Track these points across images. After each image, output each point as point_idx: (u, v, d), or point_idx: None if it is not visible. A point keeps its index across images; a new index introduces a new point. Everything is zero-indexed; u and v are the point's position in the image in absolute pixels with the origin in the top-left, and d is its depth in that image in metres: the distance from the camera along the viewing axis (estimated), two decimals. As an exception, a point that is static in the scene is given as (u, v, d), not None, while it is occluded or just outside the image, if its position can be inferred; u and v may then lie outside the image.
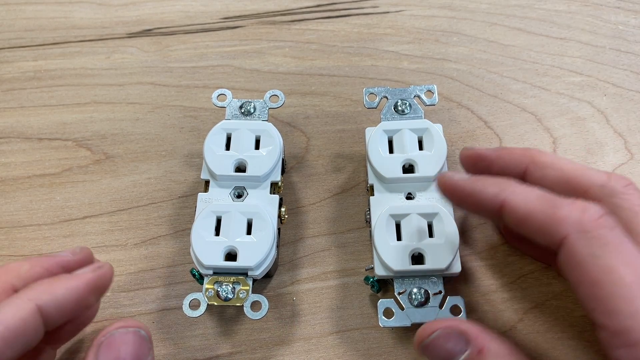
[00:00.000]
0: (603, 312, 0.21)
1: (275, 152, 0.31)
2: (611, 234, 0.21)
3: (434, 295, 0.28)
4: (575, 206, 0.22)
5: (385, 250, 0.28)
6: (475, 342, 0.24)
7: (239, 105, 0.33)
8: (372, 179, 0.31)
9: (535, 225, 0.23)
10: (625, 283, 0.20)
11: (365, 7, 0.42)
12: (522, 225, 0.23)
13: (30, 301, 0.21)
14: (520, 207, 0.23)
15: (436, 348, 0.24)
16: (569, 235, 0.22)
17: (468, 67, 0.39)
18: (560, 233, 0.22)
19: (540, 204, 0.23)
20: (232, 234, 0.29)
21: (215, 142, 0.31)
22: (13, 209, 0.34)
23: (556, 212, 0.22)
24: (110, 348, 0.22)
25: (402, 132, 0.31)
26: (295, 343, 0.30)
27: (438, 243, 0.29)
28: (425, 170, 0.30)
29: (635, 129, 0.36)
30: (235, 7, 0.42)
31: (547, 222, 0.22)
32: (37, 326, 0.21)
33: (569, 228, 0.22)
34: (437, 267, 0.28)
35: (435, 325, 0.25)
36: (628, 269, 0.20)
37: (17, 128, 0.37)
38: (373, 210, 0.30)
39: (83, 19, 0.42)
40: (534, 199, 0.23)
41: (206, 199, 0.30)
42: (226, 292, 0.28)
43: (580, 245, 0.21)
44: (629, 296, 0.20)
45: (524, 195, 0.23)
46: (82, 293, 0.22)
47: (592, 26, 0.41)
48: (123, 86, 0.39)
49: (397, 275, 0.28)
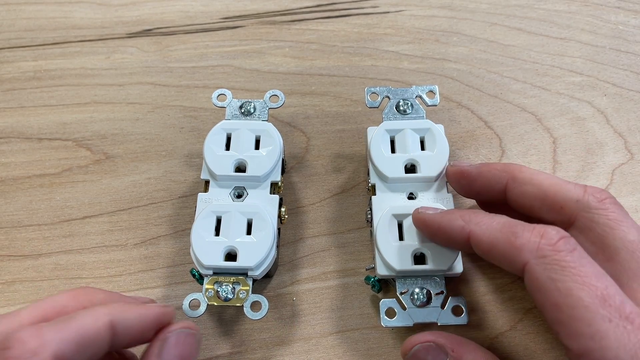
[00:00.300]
0: (566, 335, 0.21)
1: (275, 152, 0.31)
2: (569, 257, 0.22)
3: (436, 296, 0.28)
4: (534, 232, 0.23)
5: (387, 250, 0.28)
6: (452, 354, 0.25)
7: (239, 105, 0.33)
8: (374, 179, 0.31)
9: (498, 254, 0.24)
10: (584, 304, 0.21)
11: (365, 7, 0.42)
12: (488, 255, 0.24)
13: (106, 316, 0.22)
14: (483, 239, 0.24)
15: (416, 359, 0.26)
16: (529, 262, 0.22)
17: (468, 67, 0.39)
18: (521, 260, 0.23)
19: (502, 233, 0.24)
20: (232, 234, 0.29)
21: (215, 142, 0.31)
22: (13, 209, 0.34)
23: (516, 241, 0.23)
24: (175, 346, 0.24)
25: (404, 132, 0.31)
26: (295, 343, 0.30)
27: None
28: (427, 171, 0.30)
29: (635, 129, 0.36)
30: (235, 7, 0.42)
31: (508, 250, 0.23)
32: (106, 340, 0.22)
33: (528, 255, 0.22)
34: (439, 267, 0.28)
35: (415, 340, 0.26)
36: (586, 290, 0.21)
37: (17, 128, 0.37)
38: (375, 210, 0.30)
39: (83, 19, 0.42)
40: (496, 229, 0.24)
41: (206, 199, 0.30)
42: (226, 292, 0.28)
43: (539, 270, 0.22)
44: (588, 317, 0.20)
45: (487, 226, 0.24)
46: (148, 322, 0.24)
47: (592, 26, 0.41)
48: (123, 86, 0.39)
49: (399, 275, 0.28)
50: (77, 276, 0.32)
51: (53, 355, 0.20)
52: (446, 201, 0.30)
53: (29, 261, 0.33)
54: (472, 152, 0.35)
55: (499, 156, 0.35)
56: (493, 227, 0.24)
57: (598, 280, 0.21)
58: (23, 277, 0.32)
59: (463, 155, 0.35)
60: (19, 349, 0.20)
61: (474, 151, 0.36)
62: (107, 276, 0.32)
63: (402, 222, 0.29)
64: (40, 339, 0.20)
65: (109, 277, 0.32)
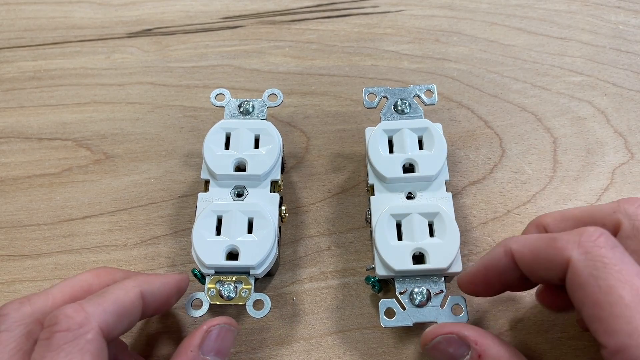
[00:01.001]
0: (603, 332, 0.21)
1: (275, 151, 0.31)
2: (611, 253, 0.22)
3: (436, 295, 0.28)
4: (573, 233, 0.23)
5: (386, 250, 0.28)
6: (475, 347, 0.25)
7: (238, 104, 0.33)
8: (372, 179, 0.31)
9: (542, 260, 0.24)
10: (624, 302, 0.21)
11: (365, 7, 0.42)
12: (532, 266, 0.24)
13: (136, 287, 0.24)
14: (525, 251, 0.24)
15: (438, 352, 0.26)
16: (571, 259, 0.22)
17: (468, 66, 0.39)
18: (564, 259, 0.23)
19: (542, 241, 0.24)
20: (233, 233, 0.29)
21: (215, 142, 0.31)
22: (13, 209, 0.34)
23: (556, 243, 0.23)
24: (216, 340, 0.26)
25: (402, 132, 0.31)
26: (295, 343, 0.30)
27: (439, 242, 0.28)
28: (425, 170, 0.30)
29: (635, 129, 0.36)
30: (235, 7, 0.42)
31: (551, 253, 0.23)
32: (139, 309, 0.24)
33: (570, 252, 0.22)
34: (438, 266, 0.28)
35: (437, 331, 0.26)
36: (627, 289, 0.21)
37: (17, 128, 0.37)
38: (374, 210, 0.30)
39: (83, 19, 0.42)
40: (535, 239, 0.24)
41: (206, 198, 0.30)
42: (228, 291, 0.28)
43: (581, 266, 0.22)
44: (627, 315, 0.21)
45: (526, 239, 0.25)
46: (170, 288, 0.26)
47: (593, 26, 0.41)
48: (123, 86, 0.39)
49: (398, 275, 0.28)
50: (77, 276, 0.32)
51: (98, 326, 0.22)
52: (445, 200, 0.30)
53: (29, 261, 0.33)
54: (472, 152, 0.35)
55: (499, 156, 0.35)
56: (532, 238, 0.25)
57: (638, 278, 0.21)
58: (23, 277, 0.32)
59: (463, 155, 0.35)
60: (67, 323, 0.21)
61: (474, 151, 0.36)
62: (107, 276, 0.32)
63: (400, 222, 0.29)
64: (85, 312, 0.22)
65: (109, 277, 0.32)
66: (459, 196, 0.34)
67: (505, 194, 0.34)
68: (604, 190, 0.34)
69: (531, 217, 0.33)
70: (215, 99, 0.33)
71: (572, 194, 0.34)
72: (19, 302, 0.23)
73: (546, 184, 0.34)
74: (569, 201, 0.34)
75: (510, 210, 0.34)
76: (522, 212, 0.34)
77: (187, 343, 0.25)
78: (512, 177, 0.35)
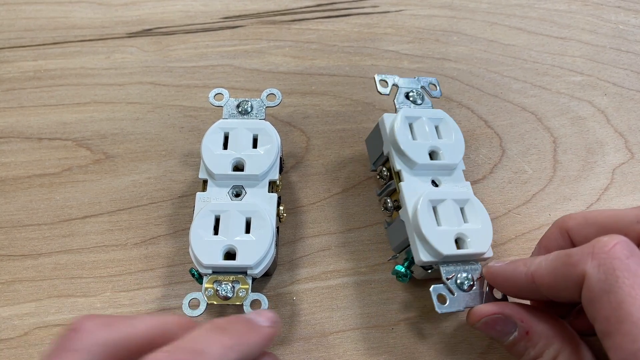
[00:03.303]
0: (611, 348, 0.21)
1: (273, 151, 0.31)
2: (624, 265, 0.21)
3: (477, 280, 0.28)
4: (586, 246, 0.23)
5: (433, 235, 0.28)
6: (522, 324, 0.25)
7: (236, 104, 0.33)
8: (400, 165, 0.30)
9: (560, 280, 0.24)
10: (632, 320, 0.20)
11: (366, 7, 0.42)
12: (553, 288, 0.24)
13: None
14: (544, 273, 0.24)
15: (487, 330, 0.27)
16: (586, 272, 0.22)
17: (468, 66, 0.39)
18: (578, 275, 0.22)
19: (557, 260, 0.24)
20: (231, 233, 0.29)
21: (213, 142, 0.31)
22: (13, 209, 0.34)
23: (570, 259, 0.23)
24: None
25: (421, 120, 0.31)
26: (295, 343, 0.30)
27: (476, 228, 0.29)
28: (449, 158, 0.30)
29: (635, 128, 0.36)
30: (235, 6, 0.42)
31: (567, 271, 0.23)
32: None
33: (583, 265, 0.22)
34: (479, 250, 0.28)
35: (482, 312, 0.27)
36: (637, 304, 0.21)
37: (17, 128, 0.37)
38: (407, 196, 0.29)
39: (83, 19, 0.42)
40: (552, 259, 0.24)
41: (204, 198, 0.30)
42: (226, 291, 0.28)
43: (594, 280, 0.22)
44: (634, 334, 0.20)
45: (544, 261, 0.25)
46: (266, 345, 0.23)
47: (593, 26, 0.41)
48: (123, 86, 0.39)
49: (441, 261, 0.28)
50: (77, 276, 0.32)
51: None
52: (466, 188, 0.30)
53: (29, 261, 0.33)
54: (472, 152, 0.35)
55: (500, 155, 0.35)
56: (549, 259, 0.25)
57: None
58: (23, 276, 0.32)
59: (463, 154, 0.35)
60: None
61: (474, 150, 0.36)
62: (107, 276, 0.32)
63: (436, 207, 0.29)
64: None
65: (109, 277, 0.32)
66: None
67: (505, 193, 0.34)
68: (604, 190, 0.34)
69: (531, 217, 0.33)
70: (213, 98, 0.33)
71: (572, 194, 0.34)
72: (101, 322, 0.21)
73: (546, 183, 0.34)
74: (569, 201, 0.34)
75: (510, 210, 0.34)
76: (522, 211, 0.34)
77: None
78: (512, 177, 0.35)
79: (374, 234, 0.33)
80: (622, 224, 0.25)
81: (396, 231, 0.30)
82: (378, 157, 0.32)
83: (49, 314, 0.31)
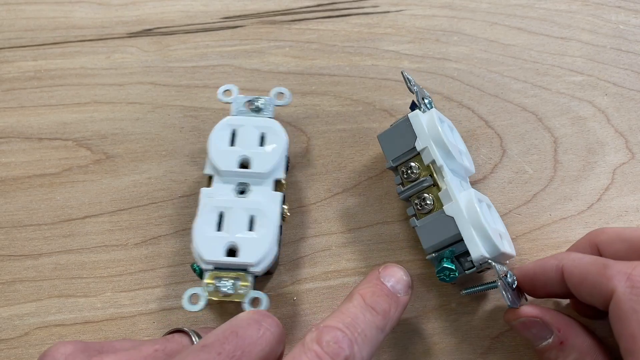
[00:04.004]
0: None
1: (280, 149, 0.31)
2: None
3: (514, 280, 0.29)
4: (626, 264, 0.23)
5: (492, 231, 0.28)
6: (558, 334, 0.26)
7: (245, 101, 0.33)
8: (442, 160, 0.30)
9: (589, 285, 0.24)
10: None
11: (366, 7, 0.42)
12: (579, 288, 0.25)
13: None
14: (575, 272, 0.25)
15: (522, 330, 0.27)
16: (617, 289, 0.23)
17: (468, 66, 0.39)
18: (610, 288, 0.23)
19: (593, 266, 0.25)
20: (234, 230, 0.29)
21: (220, 138, 0.31)
22: (13, 209, 0.34)
23: (607, 271, 0.24)
24: None
25: (447, 123, 0.32)
26: (295, 343, 0.30)
27: (504, 230, 0.30)
28: (469, 163, 0.33)
29: (636, 129, 0.36)
30: (235, 6, 0.42)
31: (599, 280, 0.24)
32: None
33: (617, 283, 0.23)
34: (511, 252, 0.29)
35: (522, 312, 0.27)
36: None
37: (17, 128, 0.37)
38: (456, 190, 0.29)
39: (83, 19, 0.42)
40: (588, 262, 0.25)
41: (209, 194, 0.30)
42: (226, 287, 0.28)
43: (625, 298, 0.22)
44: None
45: (579, 260, 0.25)
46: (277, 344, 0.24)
47: (593, 25, 0.41)
48: (123, 86, 0.39)
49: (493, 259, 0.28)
50: (78, 276, 0.32)
51: None
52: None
53: (29, 261, 0.33)
54: (472, 152, 0.35)
55: (500, 156, 0.35)
56: (585, 260, 0.25)
57: None
58: (23, 277, 0.32)
59: (464, 154, 0.35)
60: None
61: (474, 151, 0.36)
62: (107, 276, 0.32)
63: None
64: None
65: (110, 277, 0.32)
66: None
67: (505, 193, 0.34)
68: (605, 190, 0.34)
69: (532, 217, 0.33)
70: (222, 94, 0.33)
71: (572, 194, 0.34)
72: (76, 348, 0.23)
73: (547, 183, 0.34)
74: (570, 201, 0.34)
75: (511, 210, 0.34)
76: (523, 211, 0.34)
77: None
78: (512, 177, 0.35)
79: (375, 234, 0.33)
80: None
81: (439, 228, 0.29)
82: (402, 153, 0.30)
83: (49, 314, 0.31)
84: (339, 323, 0.23)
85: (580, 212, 0.34)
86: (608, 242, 0.27)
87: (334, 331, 0.23)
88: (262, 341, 0.23)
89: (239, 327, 0.23)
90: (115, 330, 0.31)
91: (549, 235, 0.33)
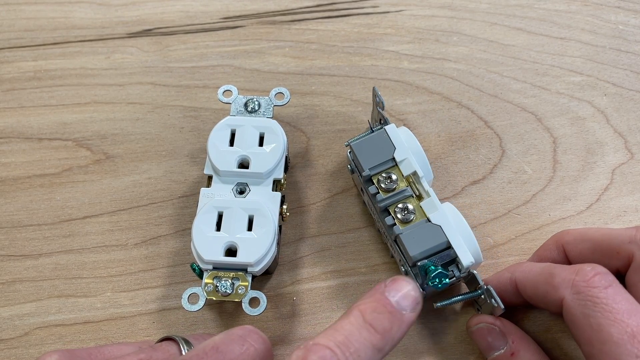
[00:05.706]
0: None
1: (279, 150, 0.31)
2: (602, 293, 0.23)
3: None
4: (570, 270, 0.24)
5: (475, 238, 0.29)
6: (512, 345, 0.26)
7: (244, 102, 0.33)
8: (421, 171, 0.30)
9: (540, 295, 0.25)
10: (613, 340, 0.21)
11: (365, 7, 0.42)
12: (533, 299, 0.26)
13: None
14: (527, 284, 0.26)
15: (479, 337, 0.28)
16: (565, 298, 0.23)
17: (468, 66, 0.39)
18: (558, 297, 0.24)
19: (541, 275, 0.25)
20: (233, 230, 0.29)
21: (220, 138, 0.31)
22: (13, 209, 0.34)
23: (553, 280, 0.24)
24: None
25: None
26: (295, 343, 0.30)
27: None
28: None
29: (635, 129, 0.36)
30: (235, 7, 0.42)
31: (547, 290, 0.24)
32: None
33: (564, 291, 0.24)
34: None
35: (483, 318, 0.28)
36: (616, 326, 0.22)
37: (17, 128, 0.37)
38: (438, 199, 0.29)
39: (83, 19, 0.42)
40: (536, 273, 0.26)
41: (208, 194, 0.30)
42: (225, 287, 0.28)
43: (574, 304, 0.23)
44: (616, 353, 0.21)
45: (529, 271, 0.26)
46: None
47: (593, 26, 0.41)
48: (123, 86, 0.39)
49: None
50: (78, 276, 0.32)
51: None
52: None
53: (29, 261, 0.33)
54: (472, 152, 0.35)
55: (499, 156, 0.35)
56: (534, 271, 0.26)
57: (630, 317, 0.22)
58: (23, 277, 0.32)
59: (463, 155, 0.35)
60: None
61: (474, 151, 0.36)
62: (107, 276, 0.32)
63: None
64: None
65: (110, 277, 0.32)
66: (459, 196, 0.34)
67: (505, 193, 0.34)
68: (604, 190, 0.34)
69: (531, 217, 0.33)
70: (222, 95, 0.33)
71: (572, 194, 0.34)
72: None
73: (546, 183, 0.34)
74: (569, 201, 0.34)
75: (510, 210, 0.34)
76: (522, 212, 0.34)
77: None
78: (512, 177, 0.35)
79: (374, 235, 0.33)
80: (615, 243, 0.26)
81: (427, 236, 0.28)
82: (379, 163, 0.30)
83: (49, 314, 0.31)
84: (330, 341, 0.21)
85: (580, 212, 0.34)
86: (573, 242, 0.27)
87: (323, 350, 0.21)
88: (244, 357, 0.22)
89: (221, 343, 0.22)
90: (115, 330, 0.31)
91: (548, 236, 0.33)
